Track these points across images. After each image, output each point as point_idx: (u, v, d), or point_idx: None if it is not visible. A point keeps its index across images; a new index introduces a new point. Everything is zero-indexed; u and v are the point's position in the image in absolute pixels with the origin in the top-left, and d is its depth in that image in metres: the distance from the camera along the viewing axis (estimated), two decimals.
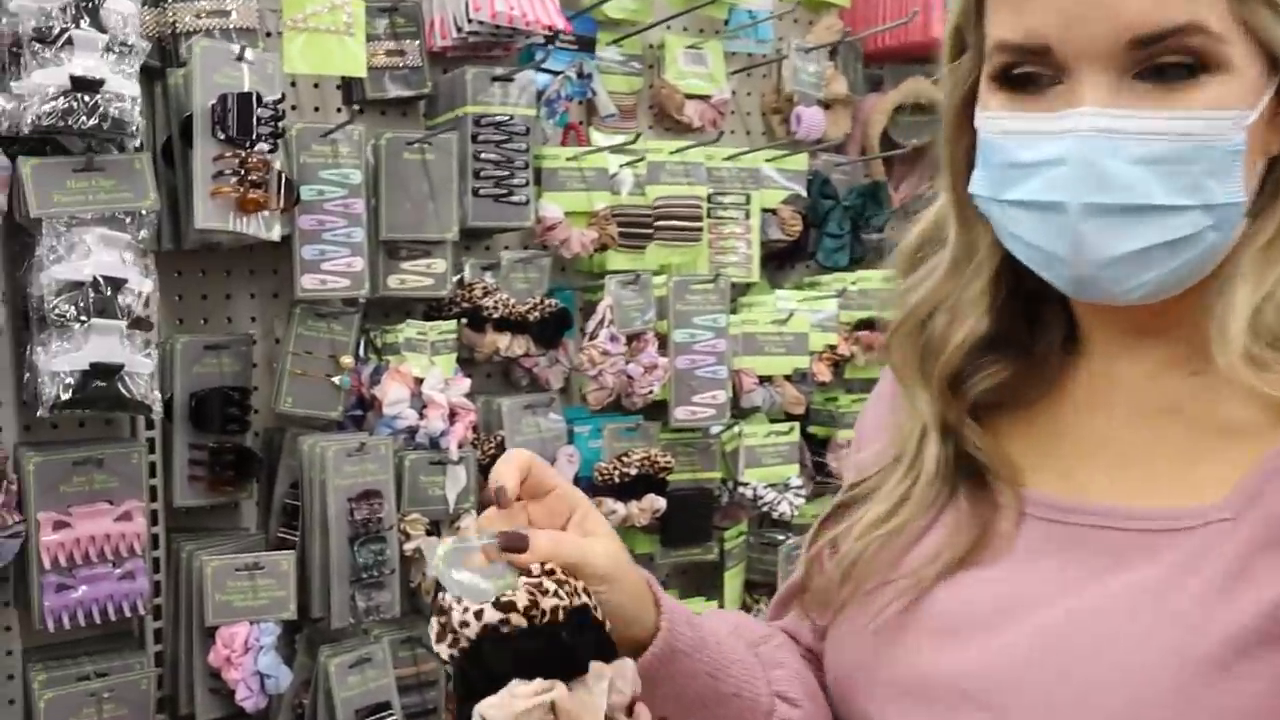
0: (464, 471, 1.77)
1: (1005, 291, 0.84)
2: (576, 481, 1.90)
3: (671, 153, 2.02)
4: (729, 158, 2.13)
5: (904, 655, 0.83)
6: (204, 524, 1.80)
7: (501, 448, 1.84)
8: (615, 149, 2.00)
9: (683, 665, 0.82)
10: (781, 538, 2.22)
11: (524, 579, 0.73)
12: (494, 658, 0.71)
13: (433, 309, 1.84)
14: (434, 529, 1.78)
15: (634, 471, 1.90)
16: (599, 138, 2.02)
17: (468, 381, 1.79)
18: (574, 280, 2.04)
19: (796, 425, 2.16)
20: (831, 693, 0.90)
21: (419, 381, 1.75)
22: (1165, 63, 0.71)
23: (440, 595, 0.74)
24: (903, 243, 0.91)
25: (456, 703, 0.78)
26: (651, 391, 1.95)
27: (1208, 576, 0.72)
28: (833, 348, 2.21)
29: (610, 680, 0.73)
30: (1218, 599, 0.71)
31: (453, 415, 1.77)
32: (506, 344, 1.83)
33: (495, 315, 1.82)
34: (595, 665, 0.73)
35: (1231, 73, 0.71)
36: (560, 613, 0.72)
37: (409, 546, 1.75)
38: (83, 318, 1.42)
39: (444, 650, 0.73)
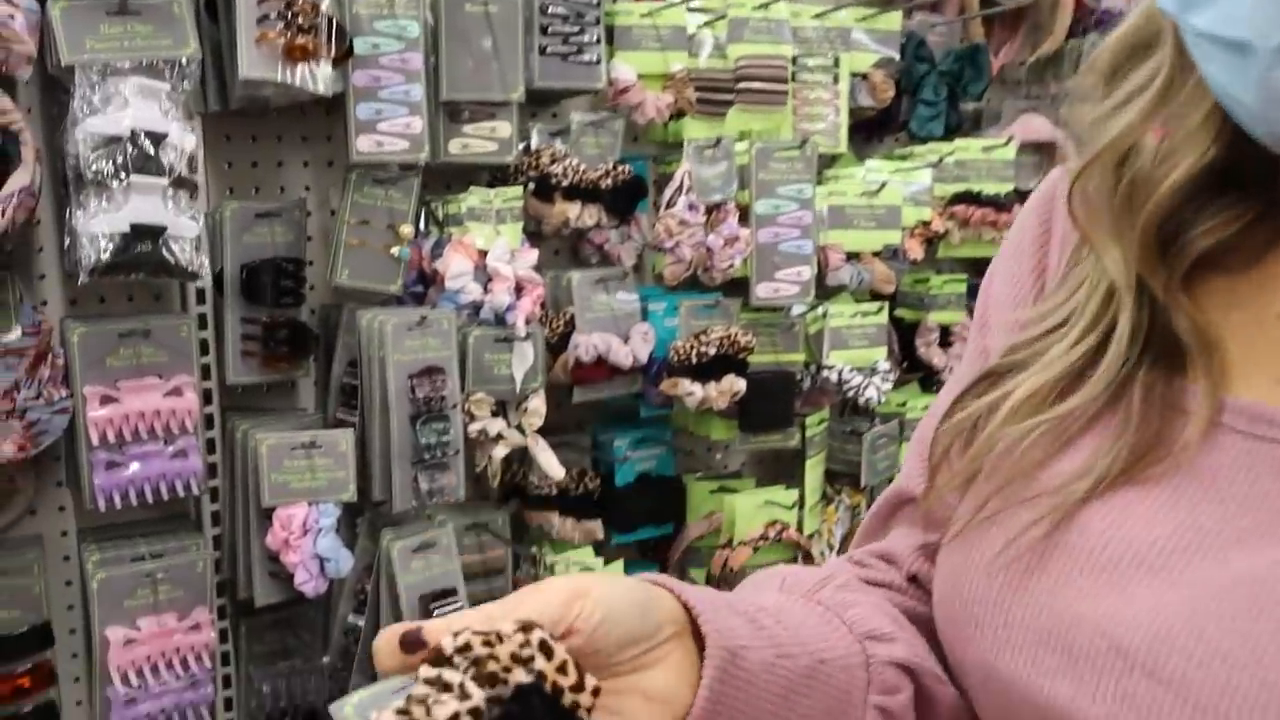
0: (531, 349, 1.66)
1: (1233, 123, 0.63)
2: (651, 363, 1.78)
3: (754, 8, 1.86)
4: (816, 16, 1.96)
5: (1041, 594, 0.66)
6: (259, 403, 1.72)
7: (571, 325, 1.73)
8: (693, 6, 1.84)
9: (749, 662, 0.65)
10: (866, 426, 2.10)
11: (433, 691, 0.50)
12: None
13: (497, 176, 1.73)
14: (500, 409, 1.68)
15: (712, 351, 1.77)
16: None
17: (535, 253, 1.67)
18: (648, 149, 1.90)
19: (885, 306, 2.01)
20: (942, 631, 0.72)
21: (483, 254, 1.64)
22: None
23: None
24: (1099, 51, 0.71)
25: None
26: (731, 266, 1.82)
27: None
28: (926, 223, 2.05)
29: None
30: None
31: (519, 289, 1.66)
32: (576, 214, 1.71)
33: (564, 183, 1.69)
34: None
35: None
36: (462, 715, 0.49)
37: (473, 428, 1.66)
38: (121, 175, 1.32)
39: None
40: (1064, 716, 0.60)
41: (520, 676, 0.51)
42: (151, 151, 1.32)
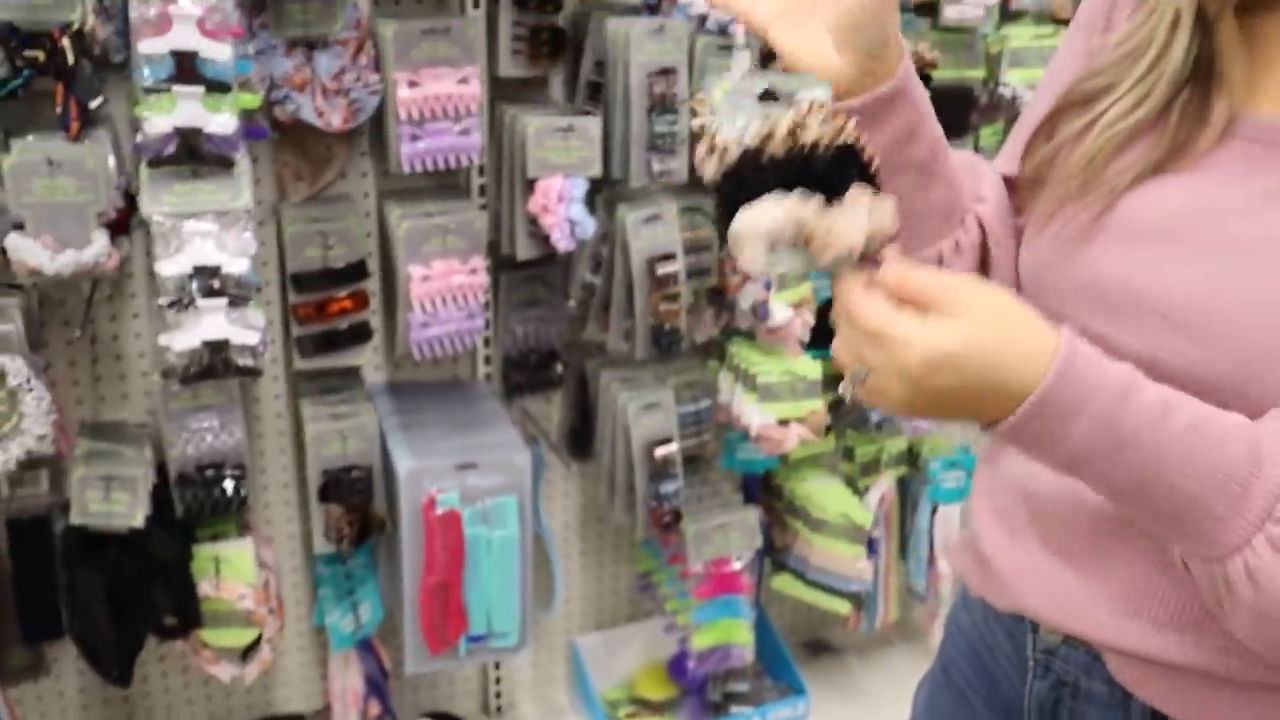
0: (748, 55, 1.96)
1: None
2: None
3: None
4: None
5: (1087, 259, 0.87)
6: (520, 94, 2.07)
7: None
8: None
9: (907, 114, 0.90)
10: None
11: (788, 113, 0.76)
12: (753, 180, 0.75)
13: None
14: None
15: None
16: None
17: None
18: None
19: (1060, 29, 2.23)
20: (1024, 286, 0.94)
21: None
22: None
23: (710, 123, 0.80)
24: None
25: (719, 221, 0.80)
26: None
27: None
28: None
29: (869, 209, 0.74)
30: None
31: None
32: None
33: None
34: (854, 192, 0.74)
35: None
36: (819, 145, 0.74)
37: (695, 123, 1.98)
38: None
39: (710, 169, 0.79)
40: (1106, 345, 0.79)
41: (848, 137, 0.76)
42: None
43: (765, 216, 0.73)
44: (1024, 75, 2.20)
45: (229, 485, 1.93)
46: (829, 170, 0.74)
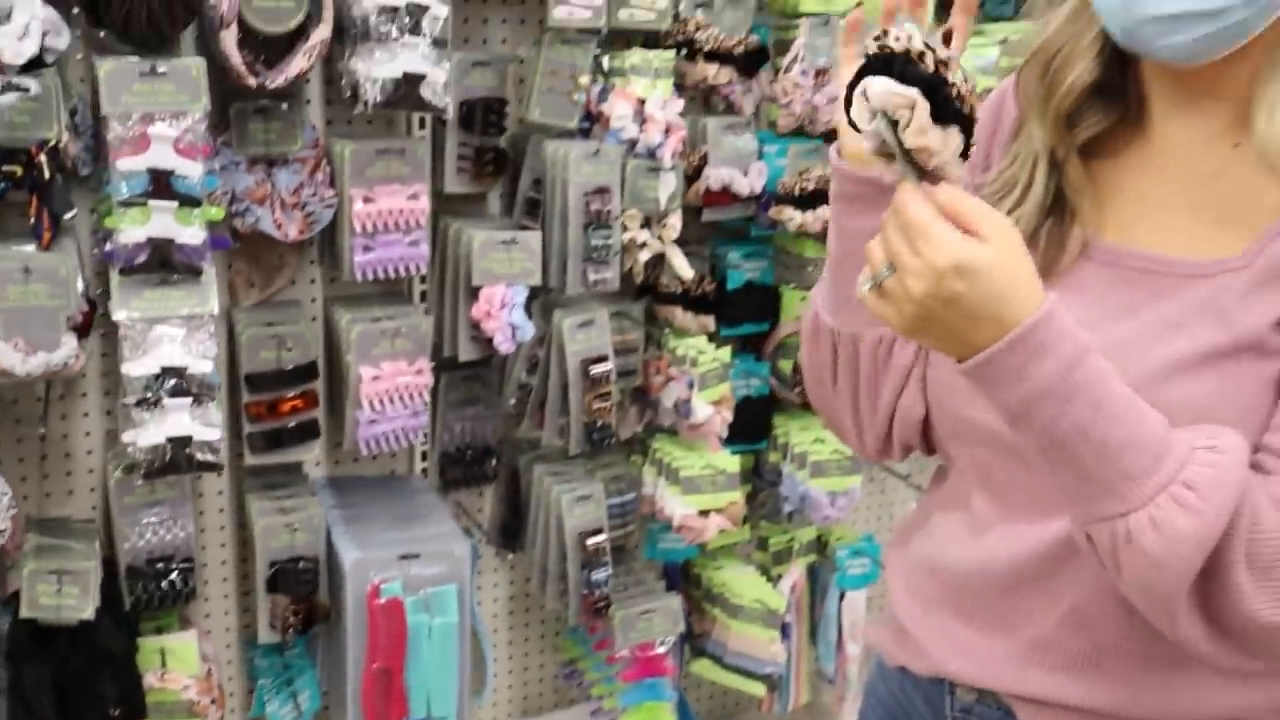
0: (674, 177, 2.16)
1: (1111, 44, 0.97)
2: (762, 192, 2.27)
3: None
4: None
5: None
6: (460, 209, 2.23)
7: (704, 160, 2.22)
8: None
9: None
10: None
11: (944, 49, 0.86)
12: (900, 67, 0.85)
13: (654, 40, 2.19)
14: (646, 223, 2.19)
15: (811, 186, 2.25)
16: None
17: (681, 102, 2.14)
18: (771, 19, 2.35)
19: None
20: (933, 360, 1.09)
21: (641, 101, 2.12)
22: None
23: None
24: None
25: (848, 84, 0.90)
26: (831, 120, 2.29)
27: (1213, 309, 0.93)
28: (989, 89, 2.48)
29: (957, 147, 0.87)
30: (1215, 324, 0.92)
31: (667, 130, 2.14)
32: (714, 73, 2.18)
33: (706, 48, 2.16)
34: (955, 130, 0.87)
35: None
36: (958, 90, 0.85)
37: (626, 236, 2.17)
38: (396, 34, 1.80)
39: (871, 46, 0.87)
40: (983, 429, 0.98)
41: (970, 107, 0.87)
42: (418, 19, 1.80)
43: (893, 87, 0.85)
44: None
45: (178, 578, 2.01)
46: (951, 100, 0.86)
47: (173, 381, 1.80)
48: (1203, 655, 0.94)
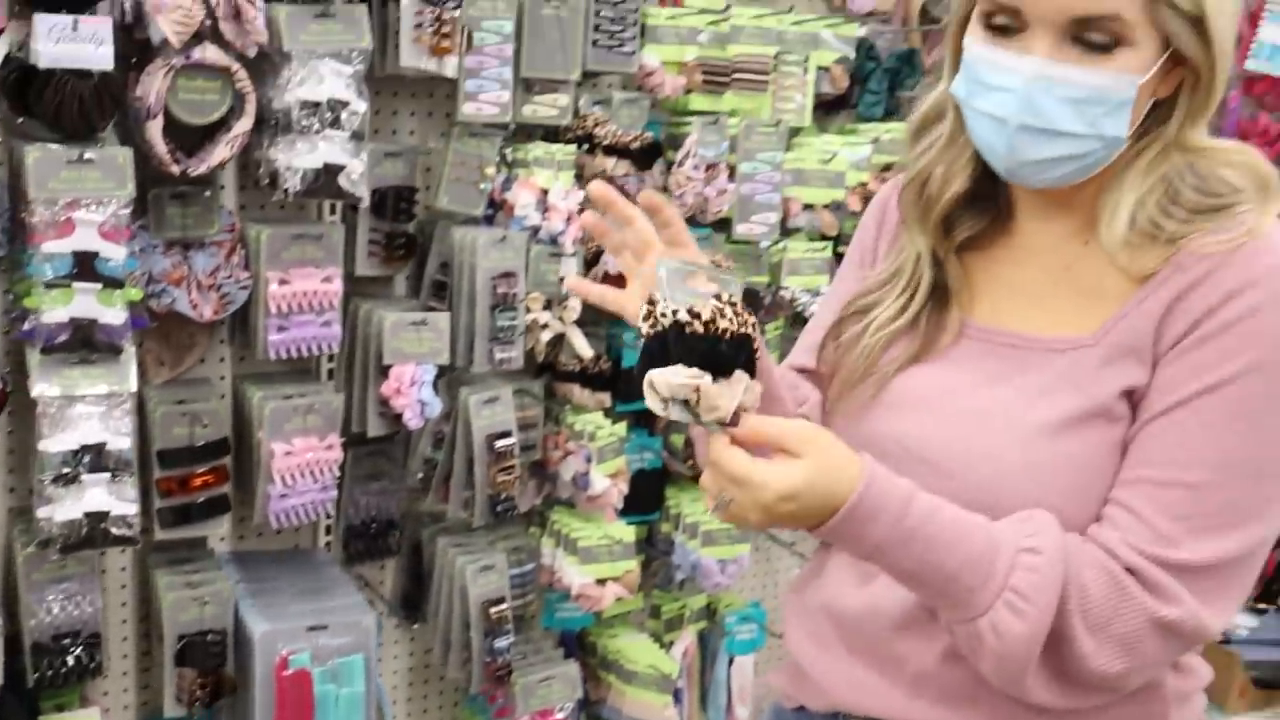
0: (575, 262, 2.29)
1: (982, 163, 1.14)
2: None
3: (751, 18, 2.47)
4: (795, 23, 2.57)
5: (869, 424, 1.18)
6: (368, 290, 2.32)
7: (601, 248, 2.35)
8: (704, 9, 2.44)
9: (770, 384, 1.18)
10: None
11: (712, 301, 0.99)
12: (674, 345, 0.96)
13: (555, 134, 2.33)
14: (548, 305, 2.31)
15: None
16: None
17: (581, 193, 2.28)
18: (665, 117, 2.51)
19: (830, 244, 2.67)
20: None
21: (544, 191, 2.25)
22: (1092, 37, 1.03)
23: (654, 293, 1.00)
24: (910, 119, 1.24)
25: (638, 372, 1.01)
26: (720, 210, 2.46)
27: (1070, 379, 1.09)
28: (864, 184, 2.69)
29: (746, 387, 0.99)
30: (1072, 393, 1.08)
31: (568, 218, 2.27)
32: (612, 166, 2.32)
33: (605, 142, 2.30)
34: (739, 374, 0.99)
35: (1135, 47, 1.03)
36: (728, 332, 0.98)
37: (529, 318, 2.28)
38: (318, 128, 1.91)
39: (644, 328, 0.99)
40: None
41: (748, 330, 0.99)
42: (338, 113, 1.91)
43: (673, 378, 0.96)
44: (801, 281, 2.62)
45: (83, 653, 2.02)
46: (727, 352, 0.99)
47: (90, 458, 1.84)
48: (1058, 707, 1.10)
